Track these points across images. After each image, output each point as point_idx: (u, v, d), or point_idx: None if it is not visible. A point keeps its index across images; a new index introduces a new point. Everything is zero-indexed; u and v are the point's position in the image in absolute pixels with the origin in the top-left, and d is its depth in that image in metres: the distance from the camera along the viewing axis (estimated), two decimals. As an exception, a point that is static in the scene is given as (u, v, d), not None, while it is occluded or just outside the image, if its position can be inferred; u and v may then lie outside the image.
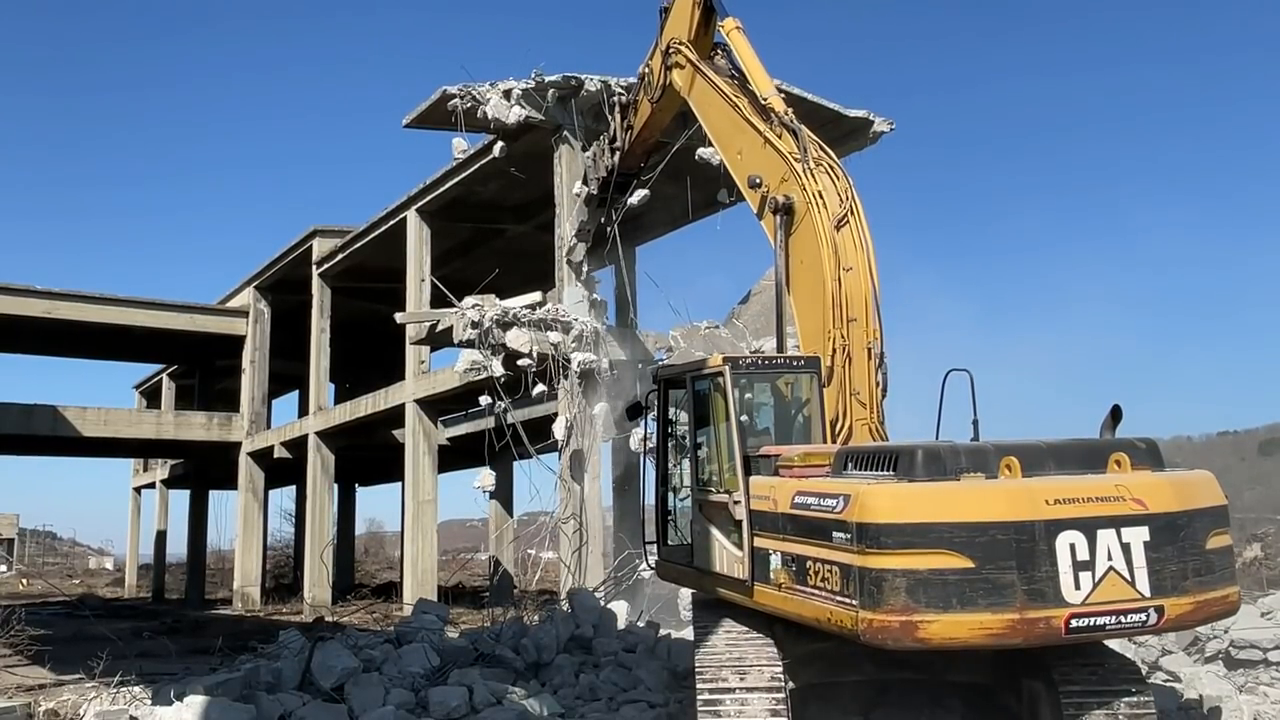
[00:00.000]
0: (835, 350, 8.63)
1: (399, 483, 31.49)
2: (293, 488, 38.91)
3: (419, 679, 9.96)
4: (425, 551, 23.47)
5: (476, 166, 21.10)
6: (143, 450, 39.15)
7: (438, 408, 24.43)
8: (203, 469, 38.42)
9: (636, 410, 10.19)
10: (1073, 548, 6.05)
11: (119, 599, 41.47)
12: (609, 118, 15.40)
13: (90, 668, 10.92)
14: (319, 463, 29.02)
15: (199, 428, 33.20)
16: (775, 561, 7.20)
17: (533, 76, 18.66)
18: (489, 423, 18.92)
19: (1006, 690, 7.49)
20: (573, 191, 18.99)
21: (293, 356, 32.80)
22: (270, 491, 36.67)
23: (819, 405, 8.66)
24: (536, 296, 18.98)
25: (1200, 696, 9.42)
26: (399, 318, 21.60)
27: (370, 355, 34.02)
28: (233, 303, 34.63)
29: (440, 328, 19.41)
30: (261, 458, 32.62)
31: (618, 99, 14.90)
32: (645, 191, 17.03)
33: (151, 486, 44.83)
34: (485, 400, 19.07)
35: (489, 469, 20.23)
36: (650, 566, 10.00)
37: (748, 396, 8.86)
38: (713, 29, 12.10)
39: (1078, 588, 6.03)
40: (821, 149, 9.68)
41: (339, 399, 33.94)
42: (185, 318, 32.36)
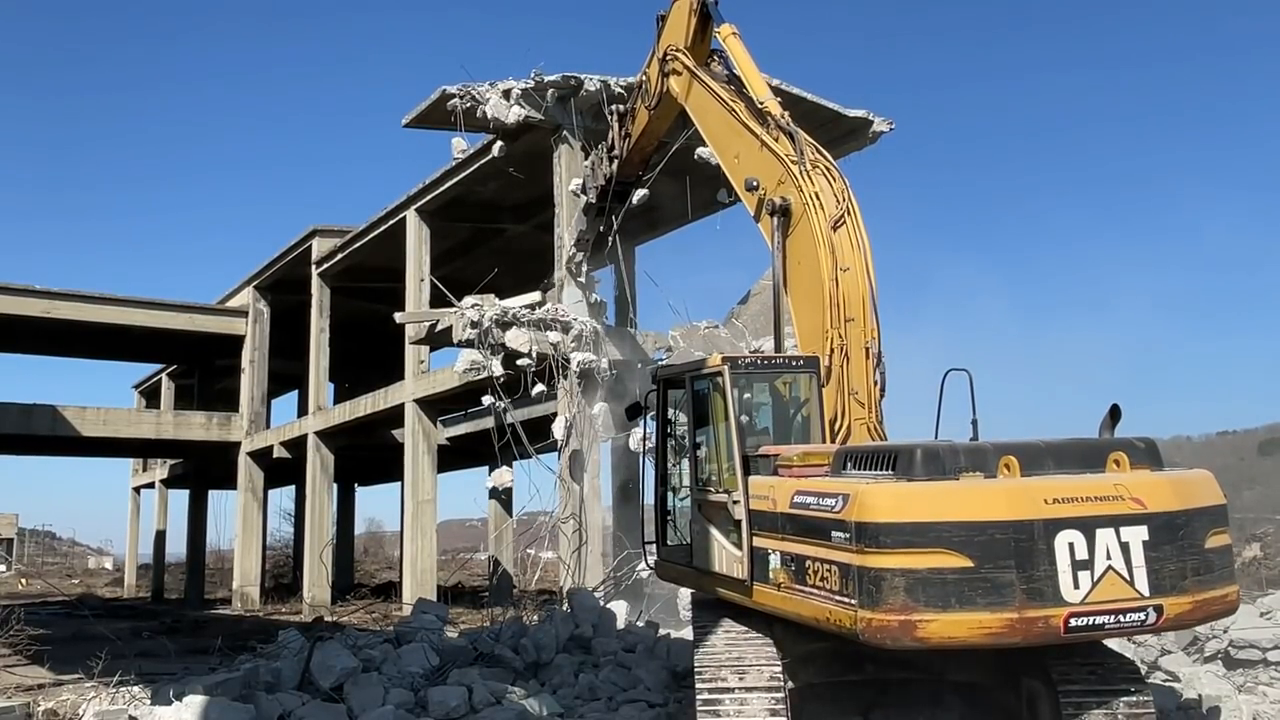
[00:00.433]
0: (833, 350, 8.63)
1: (398, 482, 31.52)
2: (292, 487, 38.91)
3: (418, 679, 9.96)
4: (424, 551, 23.47)
5: (476, 166, 21.11)
6: (142, 450, 39.15)
7: (437, 407, 24.43)
8: (202, 469, 38.43)
9: (636, 410, 10.20)
10: (1071, 547, 6.05)
11: (118, 599, 41.46)
12: (609, 123, 15.37)
13: (89, 667, 10.91)
14: (318, 462, 29.02)
15: (198, 427, 33.20)
16: (774, 561, 7.20)
17: (532, 76, 18.68)
18: (488, 423, 18.91)
19: (1006, 689, 7.49)
20: (569, 189, 18.99)
21: (292, 356, 32.81)
22: (270, 491, 36.68)
23: (818, 405, 8.66)
24: (536, 296, 18.99)
25: (1199, 696, 9.42)
26: (398, 317, 21.60)
27: (370, 355, 34.01)
28: (232, 302, 34.62)
29: (440, 327, 19.41)
30: (261, 457, 32.62)
31: (616, 107, 14.89)
32: (645, 191, 17.04)
33: (151, 486, 44.83)
34: (486, 400, 19.06)
35: (505, 466, 20.15)
36: (650, 566, 10.01)
37: (747, 396, 8.86)
38: (709, 36, 12.08)
39: (1076, 587, 6.03)
40: (818, 151, 9.67)
41: (338, 399, 33.97)
42: (184, 317, 32.35)
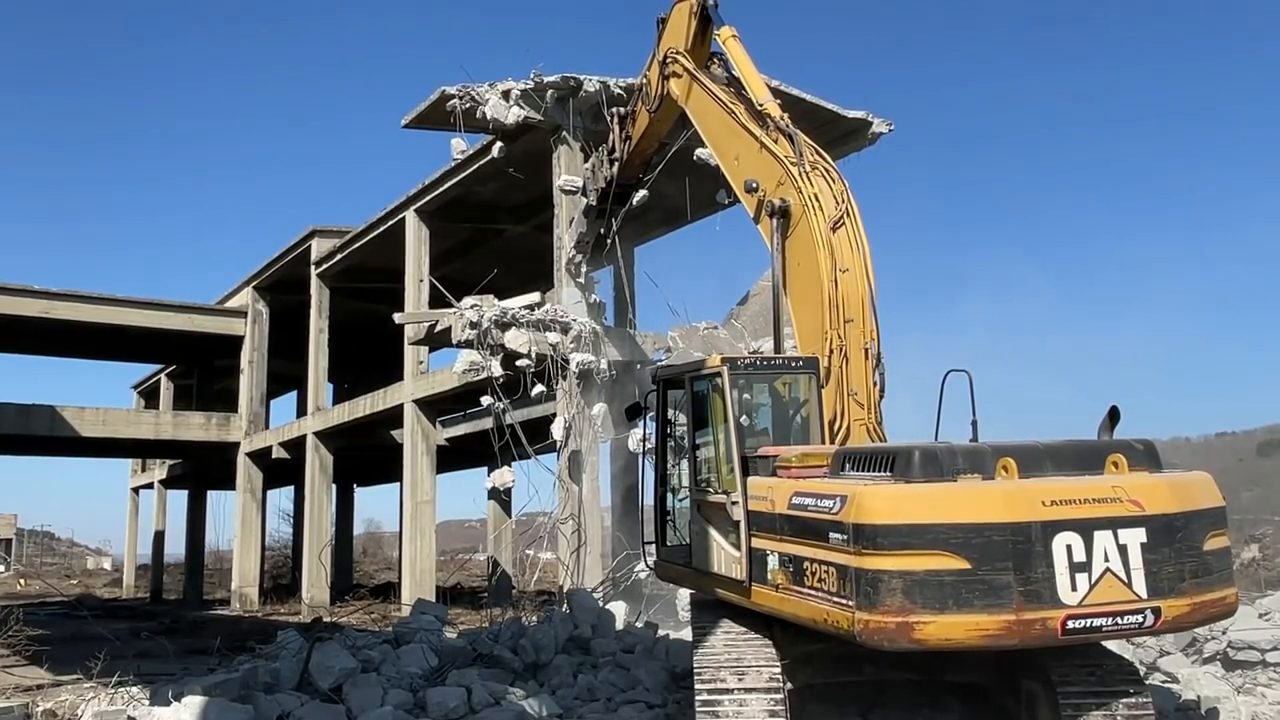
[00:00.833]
0: (832, 351, 8.64)
1: (397, 483, 31.52)
2: (291, 488, 38.89)
3: (417, 679, 9.96)
4: (424, 552, 23.47)
5: (475, 167, 21.12)
6: (141, 450, 39.13)
7: (436, 408, 24.43)
8: (201, 469, 38.41)
9: (635, 411, 10.21)
10: (1069, 549, 6.06)
11: (117, 599, 41.43)
12: (609, 125, 15.36)
13: (88, 668, 10.89)
14: (317, 463, 29.02)
15: (197, 428, 33.18)
16: (773, 562, 7.21)
17: (531, 77, 18.68)
18: (488, 423, 18.90)
19: (1004, 691, 7.49)
20: (559, 185, 18.97)
21: (291, 357, 32.79)
22: (269, 492, 36.66)
23: (817, 406, 8.66)
24: (535, 297, 18.99)
25: (1198, 697, 9.43)
26: (397, 318, 21.60)
27: (369, 355, 34.01)
28: (231, 303, 34.61)
29: (439, 328, 19.41)
30: (260, 458, 32.60)
31: (616, 110, 14.89)
32: (644, 192, 17.02)
33: (150, 487, 44.80)
34: (485, 400, 19.06)
35: (505, 467, 20.16)
36: (649, 567, 10.02)
37: (746, 397, 8.86)
38: (709, 38, 12.07)
39: (1074, 589, 6.03)
40: (817, 153, 9.68)
41: (337, 399, 33.97)
42: (183, 318, 32.33)
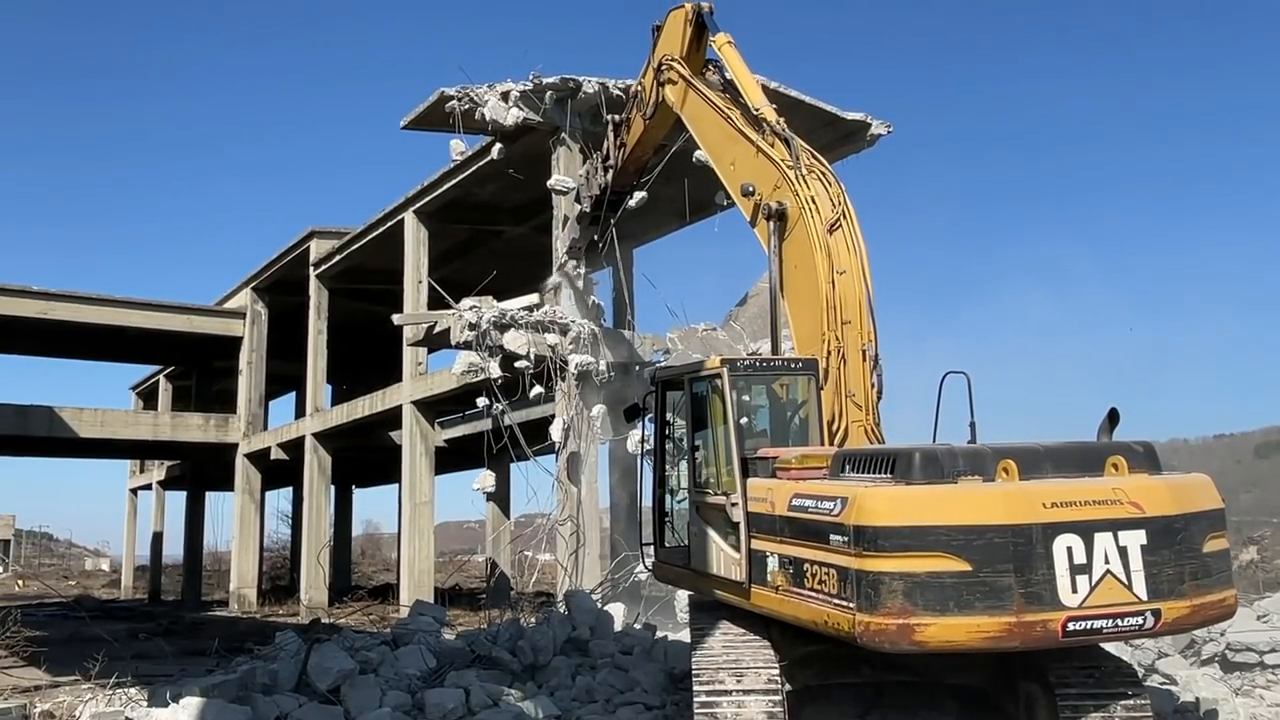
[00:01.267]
0: (830, 352, 8.64)
1: (396, 484, 31.51)
2: (290, 489, 38.86)
3: (415, 681, 9.95)
4: (422, 553, 23.45)
5: (474, 168, 21.10)
6: (139, 451, 39.09)
7: (435, 409, 24.42)
8: (199, 470, 38.39)
9: (634, 412, 10.21)
10: (1070, 551, 6.06)
11: (115, 600, 41.37)
12: (605, 132, 15.33)
13: (86, 669, 10.86)
14: (316, 464, 28.99)
15: (196, 429, 33.15)
16: (772, 564, 7.20)
17: (530, 78, 18.68)
18: (486, 424, 18.90)
19: (1003, 693, 7.49)
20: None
21: (290, 358, 32.77)
22: (267, 493, 36.61)
23: (816, 407, 8.66)
24: (534, 298, 18.98)
25: (1196, 699, 9.44)
26: (396, 319, 21.59)
27: (368, 356, 33.99)
28: (230, 304, 34.58)
29: (438, 329, 19.40)
30: (258, 459, 32.58)
31: (611, 117, 14.87)
32: (643, 194, 17.02)
33: (148, 488, 44.77)
34: (483, 402, 19.05)
35: (488, 470, 20.21)
36: (647, 568, 10.01)
37: (745, 399, 8.87)
38: (704, 45, 12.07)
39: (1075, 591, 6.04)
40: (814, 156, 9.69)
41: (336, 400, 33.93)
42: (182, 319, 32.29)
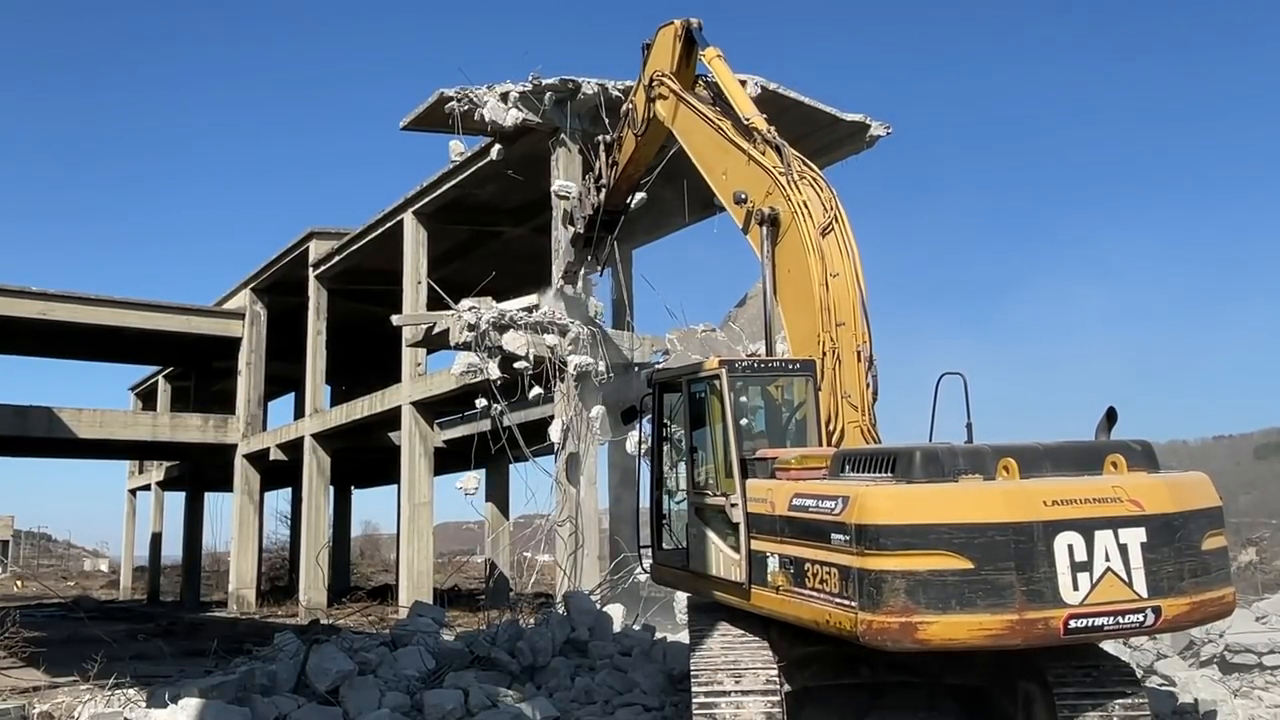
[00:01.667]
0: (825, 354, 8.68)
1: (395, 485, 31.48)
2: (289, 490, 38.85)
3: (414, 682, 9.94)
4: (421, 554, 23.45)
5: (474, 169, 21.11)
6: (138, 452, 39.09)
7: (434, 410, 24.41)
8: (198, 471, 38.39)
9: (632, 414, 10.21)
10: (1071, 549, 6.06)
11: (114, 601, 41.37)
12: (596, 154, 15.30)
13: (85, 670, 10.84)
14: (315, 465, 28.99)
15: (195, 430, 33.15)
16: (773, 564, 7.20)
17: (530, 79, 18.68)
18: (485, 425, 18.89)
19: (1001, 692, 7.48)
20: (552, 189, 18.95)
21: (289, 358, 32.78)
22: (266, 493, 36.59)
23: (814, 408, 8.67)
24: (533, 299, 18.97)
25: (1195, 700, 9.44)
26: (395, 320, 21.59)
27: (367, 357, 34.01)
28: (229, 304, 34.59)
29: (437, 330, 19.40)
30: (257, 460, 32.58)
31: (602, 137, 14.85)
32: (642, 195, 17.02)
33: (147, 488, 44.76)
34: (481, 403, 19.05)
35: (472, 472, 20.18)
36: (646, 570, 10.01)
37: (743, 399, 8.87)
38: (694, 61, 12.10)
39: (1076, 589, 6.04)
40: (804, 163, 9.76)
41: (335, 401, 33.92)
42: (181, 319, 32.31)
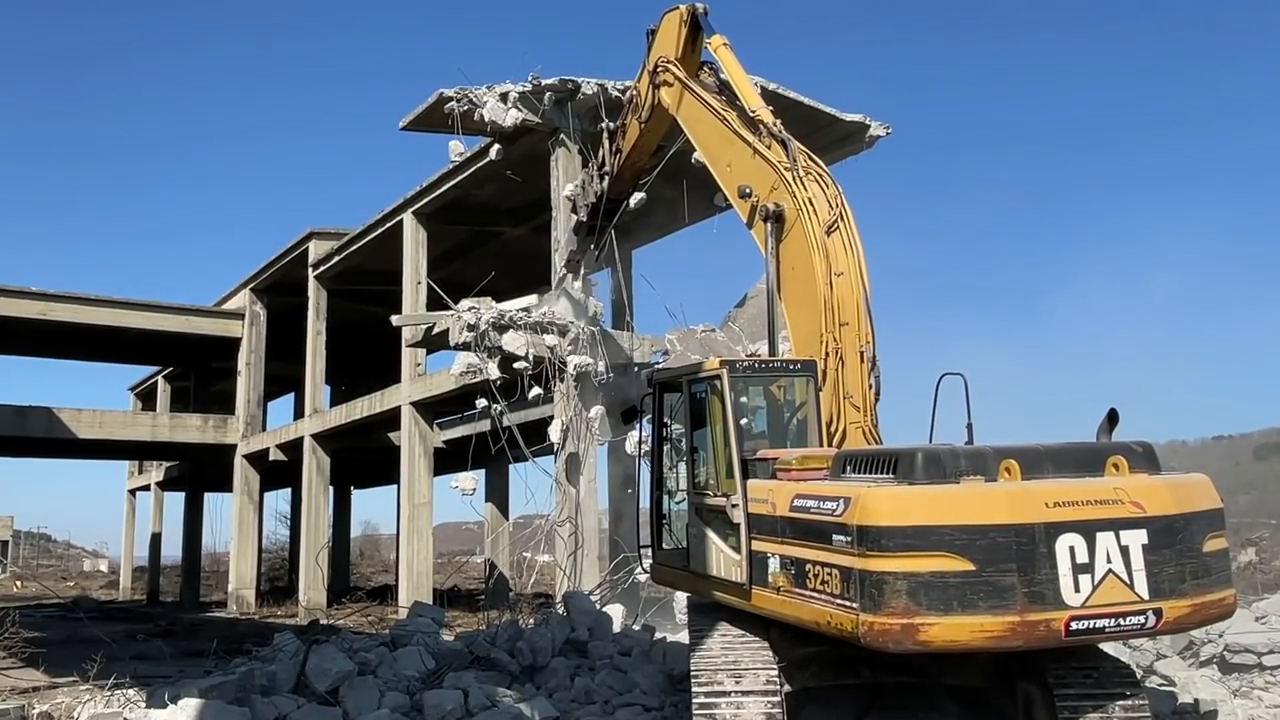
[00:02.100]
0: (828, 354, 8.64)
1: (395, 485, 31.48)
2: (288, 490, 38.83)
3: (414, 682, 9.94)
4: (421, 554, 23.43)
5: (473, 169, 21.09)
6: (138, 452, 39.07)
7: (434, 410, 24.40)
8: (198, 471, 38.36)
9: (633, 414, 10.21)
10: (1072, 550, 6.06)
11: (113, 601, 41.34)
12: (600, 140, 15.29)
13: (84, 670, 10.84)
14: (314, 465, 28.97)
15: (194, 430, 33.13)
16: (773, 565, 7.19)
17: (529, 79, 18.66)
18: (485, 425, 18.88)
19: (1001, 693, 7.48)
20: (562, 195, 18.95)
21: (289, 359, 32.75)
22: (266, 494, 36.57)
23: (815, 408, 8.66)
24: (533, 300, 18.96)
25: (1195, 701, 9.44)
26: (395, 320, 21.57)
27: (366, 357, 33.98)
28: (228, 305, 34.57)
29: (436, 330, 19.38)
30: (257, 460, 32.56)
31: (606, 124, 14.80)
32: (641, 195, 17.01)
33: (146, 489, 44.73)
34: (481, 403, 19.04)
35: (470, 472, 20.16)
36: (646, 571, 10.00)
37: (743, 400, 8.85)
38: (700, 47, 12.02)
39: (1077, 590, 6.04)
40: (810, 158, 9.67)
41: (335, 401, 33.90)
42: (181, 319, 32.29)
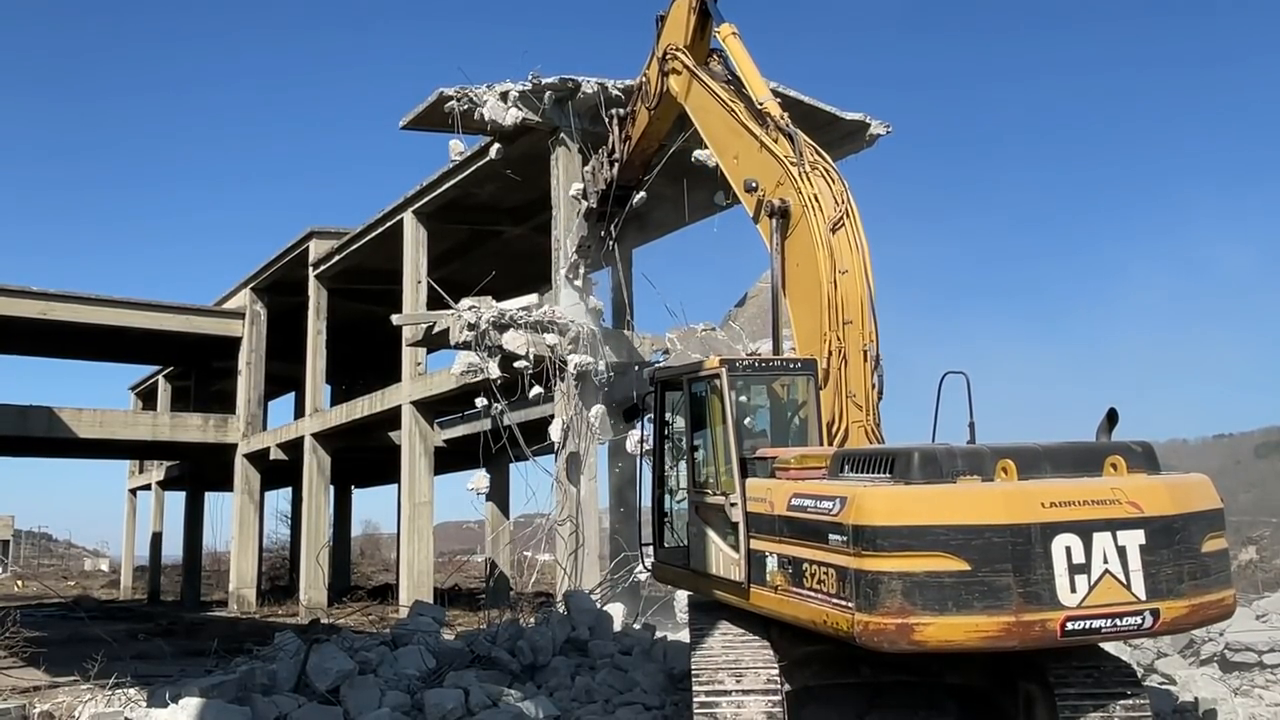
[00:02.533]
0: (831, 352, 8.63)
1: (395, 484, 31.50)
2: (289, 489, 38.85)
3: (415, 681, 9.95)
4: (421, 553, 23.45)
5: (473, 168, 21.09)
6: (139, 452, 39.09)
7: (434, 409, 24.41)
8: (199, 471, 38.37)
9: (634, 413, 10.22)
10: (1068, 550, 6.06)
11: (114, 601, 41.38)
12: (608, 127, 15.33)
13: (85, 670, 10.87)
14: (315, 464, 28.98)
15: (195, 429, 33.15)
16: (771, 564, 7.20)
17: (529, 78, 18.66)
18: (485, 425, 18.90)
19: (1002, 693, 7.49)
20: (569, 193, 18.97)
21: (289, 358, 32.77)
22: (266, 493, 36.59)
23: (815, 407, 8.67)
24: (533, 299, 18.97)
25: (1195, 699, 9.45)
26: (395, 319, 21.58)
27: (367, 357, 33.99)
28: (229, 304, 34.59)
29: (437, 329, 19.38)
30: (257, 459, 32.58)
31: (616, 111, 14.85)
32: (642, 194, 17.01)
33: (147, 488, 44.75)
34: (481, 402, 19.06)
35: (484, 471, 20.22)
36: (647, 569, 10.02)
37: (744, 399, 8.87)
38: (709, 35, 12.06)
39: (1073, 590, 6.04)
40: (817, 153, 9.67)
41: (335, 401, 33.92)
42: (181, 319, 32.30)
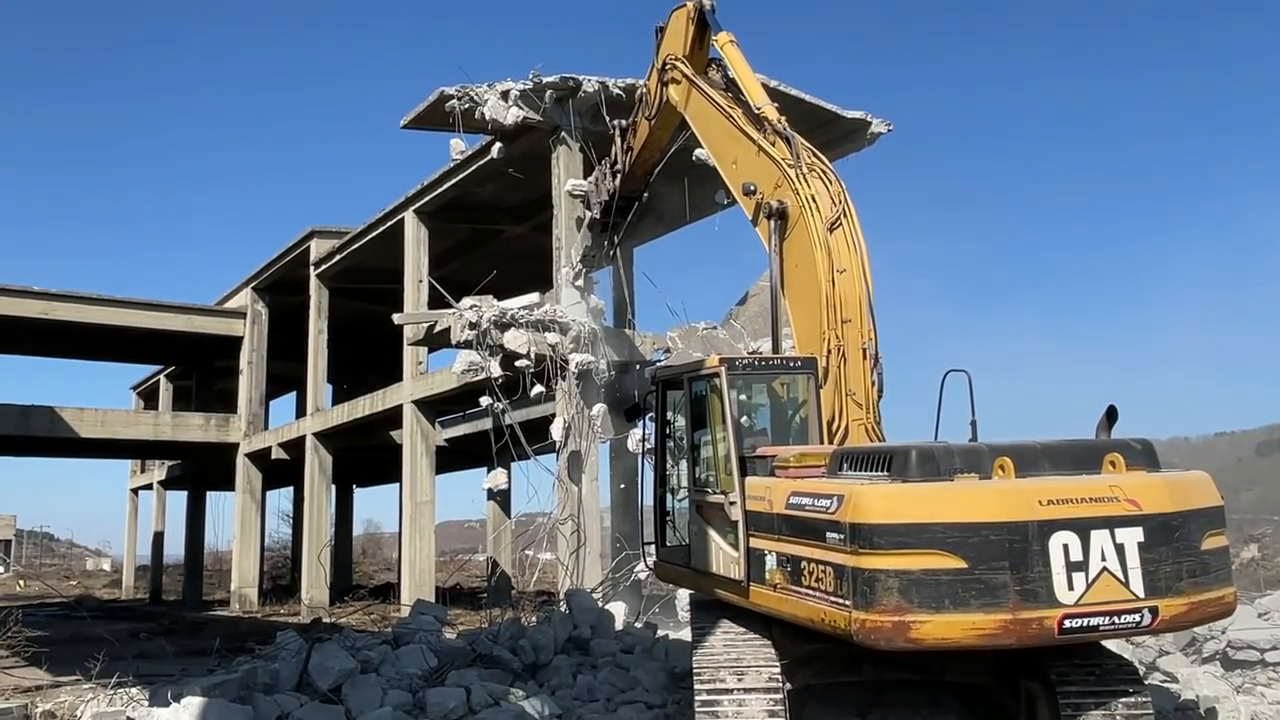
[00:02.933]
0: (830, 351, 8.66)
1: (397, 484, 31.51)
2: (290, 489, 38.90)
3: (416, 680, 9.97)
4: (423, 552, 23.46)
5: (474, 167, 21.10)
6: (140, 451, 39.11)
7: (435, 409, 24.42)
8: (200, 470, 38.39)
9: (635, 412, 10.25)
10: (1066, 548, 6.06)
11: (116, 600, 41.44)
12: (610, 132, 15.35)
13: (87, 669, 10.90)
14: (317, 464, 29.00)
15: (196, 429, 33.17)
16: (770, 562, 7.22)
17: (530, 78, 18.67)
18: (487, 424, 18.91)
19: (1004, 691, 7.50)
20: (565, 189, 18.98)
21: (290, 357, 32.79)
22: (268, 493, 36.64)
23: (815, 406, 8.68)
24: (534, 298, 18.99)
25: (1197, 697, 9.45)
26: (397, 318, 21.59)
27: (368, 356, 34.01)
28: (230, 304, 34.61)
29: (438, 329, 19.40)
30: (259, 459, 32.60)
31: (617, 122, 14.95)
32: (643, 193, 17.03)
33: (149, 488, 44.78)
34: (484, 401, 19.07)
35: (500, 469, 20.20)
36: (648, 567, 10.04)
37: (744, 398, 8.89)
38: (707, 44, 12.18)
39: (1071, 588, 6.04)
40: (814, 155, 9.73)
41: (337, 400, 33.95)
42: (183, 319, 32.32)
